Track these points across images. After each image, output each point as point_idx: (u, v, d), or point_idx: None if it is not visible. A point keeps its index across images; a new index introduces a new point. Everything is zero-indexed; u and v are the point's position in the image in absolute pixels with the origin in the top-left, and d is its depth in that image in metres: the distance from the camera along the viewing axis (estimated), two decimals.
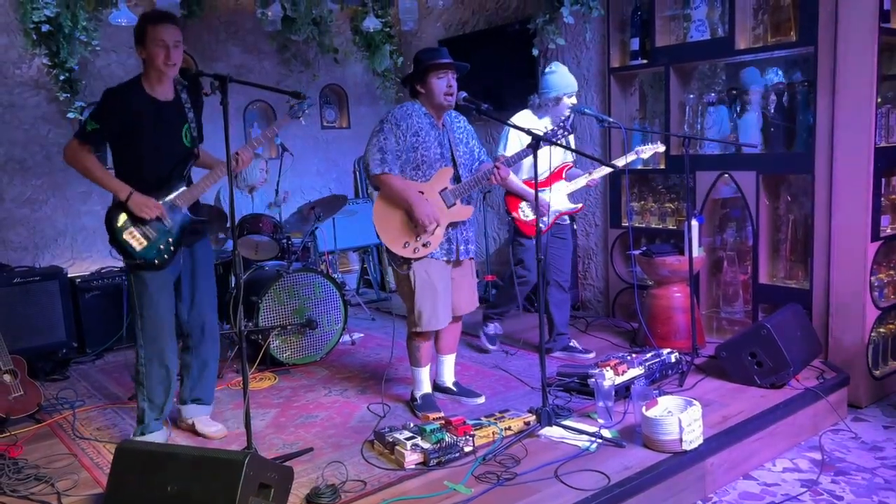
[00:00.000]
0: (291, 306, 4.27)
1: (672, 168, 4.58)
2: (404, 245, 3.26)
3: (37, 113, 5.02)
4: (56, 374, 4.30)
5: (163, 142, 2.98)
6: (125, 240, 2.94)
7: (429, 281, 3.29)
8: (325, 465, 2.86)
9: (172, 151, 3.02)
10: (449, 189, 3.31)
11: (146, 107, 2.94)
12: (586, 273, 5.36)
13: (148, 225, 2.96)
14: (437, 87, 3.23)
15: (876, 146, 3.61)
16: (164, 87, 3.00)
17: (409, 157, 3.26)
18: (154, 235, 2.97)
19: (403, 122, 3.23)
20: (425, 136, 3.26)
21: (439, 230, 3.28)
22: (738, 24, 4.11)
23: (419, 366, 3.46)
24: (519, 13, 5.54)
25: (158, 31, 2.87)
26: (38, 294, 4.45)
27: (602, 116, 4.00)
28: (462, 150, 3.40)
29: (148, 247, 2.96)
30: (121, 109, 2.91)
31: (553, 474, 2.70)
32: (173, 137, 3.01)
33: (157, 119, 2.95)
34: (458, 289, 3.44)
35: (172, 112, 3.01)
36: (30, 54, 4.92)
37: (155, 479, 2.34)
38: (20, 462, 3.03)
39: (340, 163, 6.58)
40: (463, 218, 3.36)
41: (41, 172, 5.07)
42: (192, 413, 3.31)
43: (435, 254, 3.31)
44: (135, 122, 2.91)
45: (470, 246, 3.45)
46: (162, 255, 2.99)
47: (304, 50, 6.06)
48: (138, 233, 2.95)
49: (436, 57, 3.25)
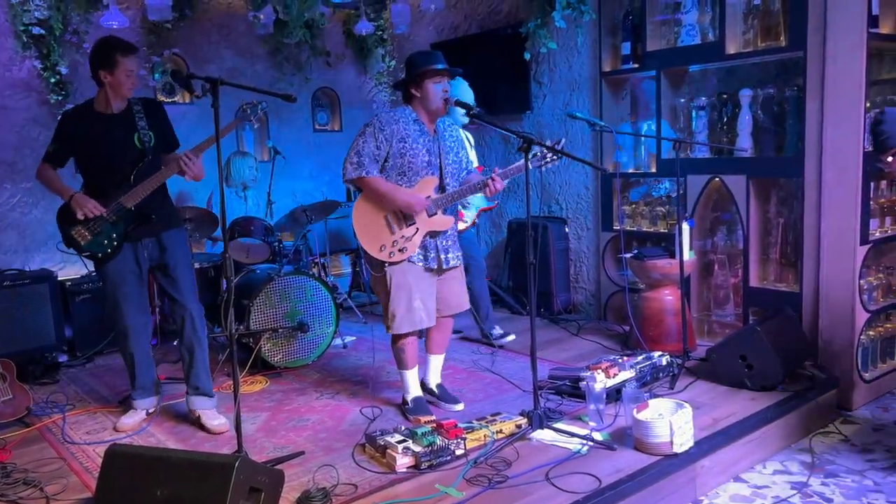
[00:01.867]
0: (283, 309, 4.26)
1: (663, 171, 4.60)
2: (380, 248, 3.27)
3: (27, 115, 5.00)
4: (46, 378, 4.27)
5: (113, 151, 3.23)
6: (73, 236, 3.26)
7: (405, 283, 3.28)
8: (316, 468, 2.86)
9: (120, 158, 3.25)
10: (432, 198, 3.29)
11: (93, 123, 3.24)
12: (578, 276, 5.37)
13: (93, 222, 3.24)
14: (434, 91, 3.22)
15: (865, 150, 3.63)
16: (118, 101, 3.26)
17: (395, 162, 3.24)
18: (98, 230, 3.25)
19: (388, 127, 3.22)
20: (413, 143, 3.24)
21: (417, 237, 3.28)
22: (729, 28, 4.13)
23: (405, 368, 3.45)
24: (511, 17, 5.56)
25: (127, 63, 3.17)
26: (28, 297, 4.43)
27: (593, 120, 4.01)
28: (451, 158, 3.39)
29: (92, 241, 3.26)
30: (73, 131, 3.26)
31: (544, 477, 2.70)
32: (124, 145, 3.25)
33: (107, 133, 3.23)
34: (445, 289, 3.43)
35: (122, 123, 3.26)
36: (21, 56, 4.90)
37: (145, 482, 2.33)
38: (9, 466, 3.01)
39: (332, 166, 6.57)
40: (442, 228, 3.33)
41: (31, 175, 5.00)
42: (197, 405, 3.44)
43: (413, 258, 3.30)
44: (86, 139, 3.23)
45: (452, 255, 3.41)
46: (105, 249, 3.27)
47: (296, 53, 6.06)
48: (84, 230, 3.25)
49: (432, 61, 3.24)
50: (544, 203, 5.50)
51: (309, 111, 6.41)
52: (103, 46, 3.19)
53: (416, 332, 3.39)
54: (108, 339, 4.73)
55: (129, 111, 3.28)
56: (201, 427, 3.39)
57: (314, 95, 6.41)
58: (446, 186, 3.34)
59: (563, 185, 5.39)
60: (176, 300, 3.38)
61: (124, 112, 3.27)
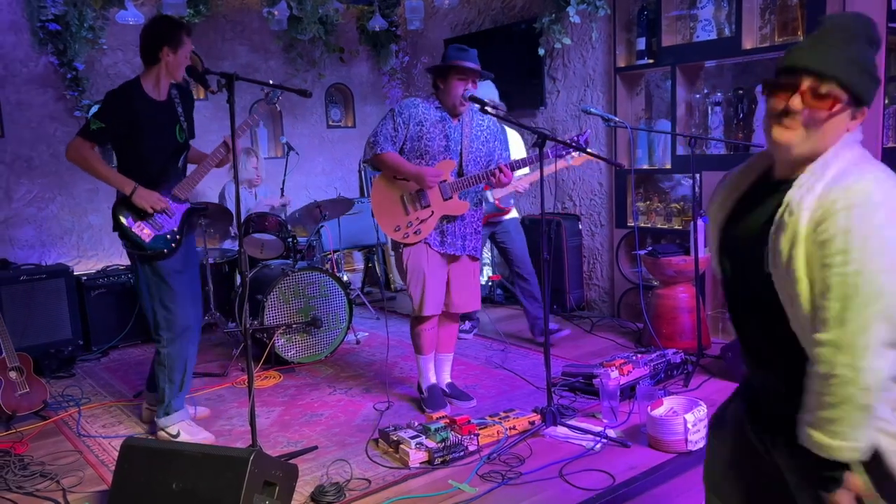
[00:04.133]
0: (296, 305, 4.28)
1: (678, 168, 4.57)
2: (395, 228, 3.30)
3: (44, 111, 5.03)
4: (61, 372, 4.31)
5: (160, 139, 3.10)
6: (134, 233, 3.05)
7: (418, 267, 3.30)
8: (329, 463, 2.87)
9: (168, 147, 3.14)
10: (448, 182, 3.29)
11: (145, 107, 3.06)
12: (592, 273, 5.35)
13: (153, 217, 3.08)
14: (456, 88, 3.23)
15: (884, 146, 3.59)
16: (161, 88, 3.12)
17: (413, 145, 3.28)
18: (160, 226, 3.10)
19: (406, 110, 3.27)
20: (430, 127, 3.26)
21: (432, 219, 3.29)
22: (746, 23, 4.09)
23: (421, 353, 3.47)
24: (525, 13, 5.54)
25: (188, 45, 3.07)
26: (44, 292, 4.47)
27: (608, 116, 3.98)
28: (476, 146, 3.36)
29: (156, 237, 3.08)
30: (124, 109, 3.02)
31: (558, 474, 2.70)
32: (168, 134, 3.13)
33: (153, 118, 3.07)
34: (456, 287, 3.42)
35: (166, 111, 3.14)
36: (37, 53, 4.94)
37: (160, 476, 2.34)
38: (26, 459, 3.04)
39: (346, 162, 6.59)
40: (457, 213, 3.33)
41: (48, 171, 5.08)
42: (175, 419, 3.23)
43: (429, 240, 3.31)
44: (135, 121, 3.02)
45: (468, 242, 3.40)
46: (170, 244, 3.11)
47: (309, 49, 6.07)
48: (145, 225, 3.07)
49: (462, 58, 3.23)
50: (558, 199, 5.48)
51: (322, 107, 6.42)
52: (170, 24, 3.06)
53: (435, 317, 3.41)
54: (123, 334, 4.78)
55: (170, 98, 3.15)
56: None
57: (328, 91, 6.42)
58: (466, 172, 3.34)
59: (576, 181, 5.37)
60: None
61: (168, 98, 3.14)
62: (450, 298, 3.43)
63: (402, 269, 3.38)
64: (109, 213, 3.10)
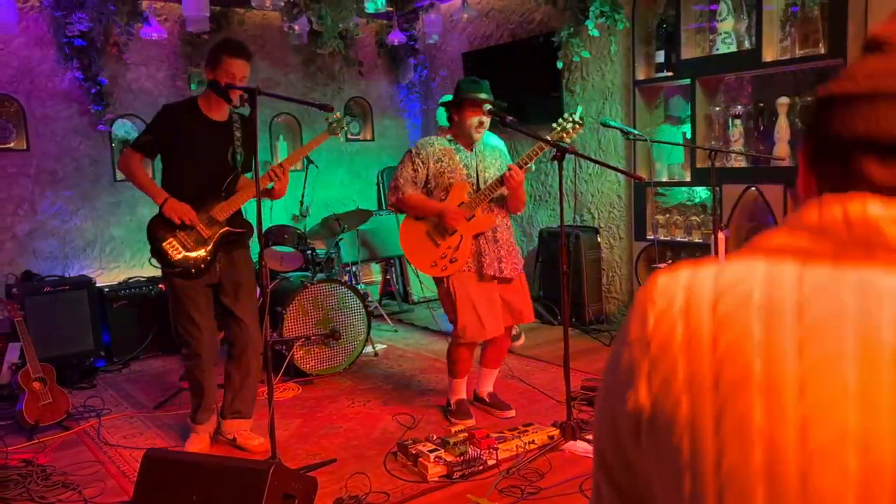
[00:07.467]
0: (315, 317, 4.29)
1: (697, 180, 4.54)
2: (431, 265, 3.33)
3: (68, 125, 5.11)
4: (83, 383, 4.35)
5: (207, 158, 3.10)
6: (164, 248, 3.07)
7: (466, 294, 3.30)
8: (348, 476, 2.87)
9: (215, 168, 3.13)
10: (465, 202, 3.32)
11: (198, 125, 3.08)
12: (610, 286, 5.32)
13: (187, 235, 3.08)
14: (470, 121, 3.29)
15: None
16: (222, 109, 3.12)
17: (437, 181, 3.33)
18: (191, 245, 3.10)
19: (423, 150, 3.35)
20: (449, 161, 3.33)
21: (464, 244, 3.31)
22: (766, 36, 4.07)
23: (456, 377, 3.48)
24: (543, 26, 5.55)
25: (231, 65, 2.96)
26: (67, 303, 4.52)
27: (627, 129, 3.98)
28: (492, 172, 3.40)
29: (184, 256, 3.09)
30: (174, 125, 3.07)
31: (578, 489, 2.68)
32: (218, 155, 3.13)
33: (205, 137, 3.08)
34: (507, 302, 3.42)
35: (222, 132, 3.14)
36: (63, 67, 5.03)
37: (180, 487, 2.35)
38: (48, 469, 3.07)
39: (364, 174, 6.62)
40: (485, 228, 3.35)
41: (72, 184, 5.16)
42: (232, 428, 3.30)
43: (469, 266, 3.33)
44: (184, 138, 3.05)
45: (504, 265, 3.36)
46: (198, 265, 3.09)
47: (329, 63, 6.12)
48: (177, 242, 3.09)
49: (473, 91, 3.29)
50: (576, 212, 5.47)
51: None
52: (217, 44, 3.05)
53: (476, 345, 3.43)
54: (144, 345, 4.82)
55: (230, 122, 3.15)
56: (236, 448, 3.26)
57: (346, 105, 6.46)
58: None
59: (595, 193, 5.35)
60: (238, 319, 3.20)
61: (226, 122, 3.15)
62: (504, 314, 3.43)
63: (450, 302, 3.35)
64: (131, 226, 3.13)
